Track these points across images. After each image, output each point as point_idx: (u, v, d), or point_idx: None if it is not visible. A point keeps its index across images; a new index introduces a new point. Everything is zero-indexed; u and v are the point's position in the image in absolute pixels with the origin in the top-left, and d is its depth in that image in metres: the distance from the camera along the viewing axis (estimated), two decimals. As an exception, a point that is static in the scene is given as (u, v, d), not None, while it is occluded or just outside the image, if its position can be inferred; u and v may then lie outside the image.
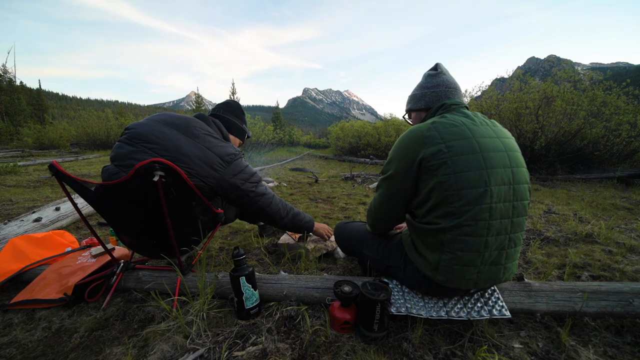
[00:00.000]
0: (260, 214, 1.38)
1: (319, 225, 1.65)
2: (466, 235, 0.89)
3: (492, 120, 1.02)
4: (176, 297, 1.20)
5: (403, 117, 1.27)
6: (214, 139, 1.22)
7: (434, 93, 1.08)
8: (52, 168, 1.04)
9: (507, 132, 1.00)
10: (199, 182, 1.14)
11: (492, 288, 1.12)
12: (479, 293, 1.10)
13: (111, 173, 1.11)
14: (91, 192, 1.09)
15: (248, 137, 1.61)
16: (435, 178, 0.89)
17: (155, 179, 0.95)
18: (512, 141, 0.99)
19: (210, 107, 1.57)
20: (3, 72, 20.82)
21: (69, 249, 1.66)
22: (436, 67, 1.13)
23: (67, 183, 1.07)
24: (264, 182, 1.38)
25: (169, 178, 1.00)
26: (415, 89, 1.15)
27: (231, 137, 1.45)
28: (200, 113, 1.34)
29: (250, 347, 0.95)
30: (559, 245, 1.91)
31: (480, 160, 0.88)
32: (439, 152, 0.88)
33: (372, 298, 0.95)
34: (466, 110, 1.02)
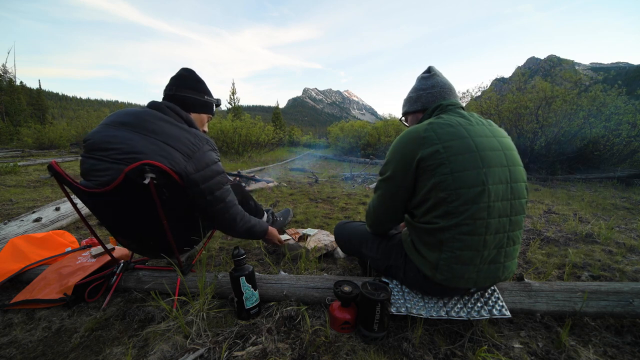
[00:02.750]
0: (213, 219, 1.25)
1: (270, 232, 1.55)
2: (465, 234, 0.89)
3: (489, 120, 1.03)
4: (176, 297, 1.20)
5: (400, 119, 1.28)
6: (173, 128, 1.09)
7: (430, 94, 1.08)
8: (51, 169, 1.04)
9: (503, 132, 1.01)
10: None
11: (492, 288, 1.12)
12: (479, 293, 1.10)
13: (87, 187, 1.06)
14: (86, 194, 1.07)
15: (217, 105, 1.39)
16: (433, 178, 0.89)
17: (147, 181, 0.94)
18: (509, 140, 1.00)
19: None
20: (3, 72, 20.78)
21: (69, 249, 1.66)
22: (429, 70, 1.14)
23: (64, 184, 1.07)
24: (229, 186, 1.25)
25: (161, 180, 0.99)
26: (410, 92, 1.16)
27: (194, 115, 1.27)
28: (153, 102, 1.18)
29: (250, 347, 0.95)
30: (559, 245, 1.91)
31: (477, 159, 0.88)
32: (436, 152, 0.88)
33: (372, 298, 0.95)
34: (462, 111, 1.03)
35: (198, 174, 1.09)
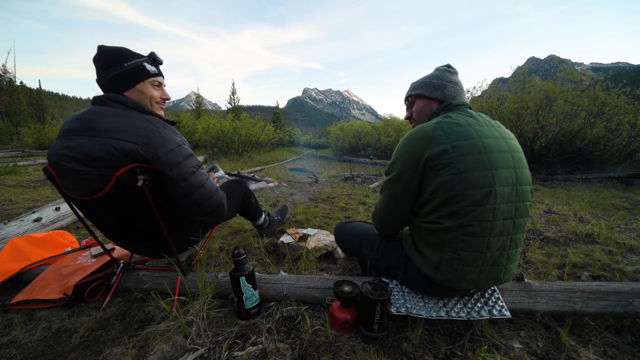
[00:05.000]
0: (195, 210, 1.12)
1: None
2: (469, 235, 0.89)
3: (496, 121, 1.02)
4: (176, 297, 1.20)
5: (405, 100, 1.21)
6: (121, 120, 0.98)
7: (453, 89, 1.07)
8: (46, 172, 1.04)
9: (510, 133, 1.01)
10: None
11: (492, 288, 1.12)
12: (479, 293, 1.10)
13: (75, 195, 1.04)
14: (74, 201, 1.06)
15: (155, 62, 1.14)
16: (439, 178, 0.89)
17: (140, 183, 0.94)
18: (516, 142, 0.99)
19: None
20: (3, 72, 20.79)
21: (69, 249, 1.66)
22: (452, 67, 1.13)
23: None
24: (204, 170, 1.14)
25: (151, 181, 0.99)
26: (431, 77, 1.10)
27: (131, 93, 1.08)
28: (95, 97, 1.06)
29: (250, 347, 0.95)
30: (559, 245, 1.91)
31: (485, 160, 0.88)
32: (444, 152, 0.88)
33: (372, 298, 0.95)
34: (470, 110, 1.02)
35: (160, 161, 0.99)
